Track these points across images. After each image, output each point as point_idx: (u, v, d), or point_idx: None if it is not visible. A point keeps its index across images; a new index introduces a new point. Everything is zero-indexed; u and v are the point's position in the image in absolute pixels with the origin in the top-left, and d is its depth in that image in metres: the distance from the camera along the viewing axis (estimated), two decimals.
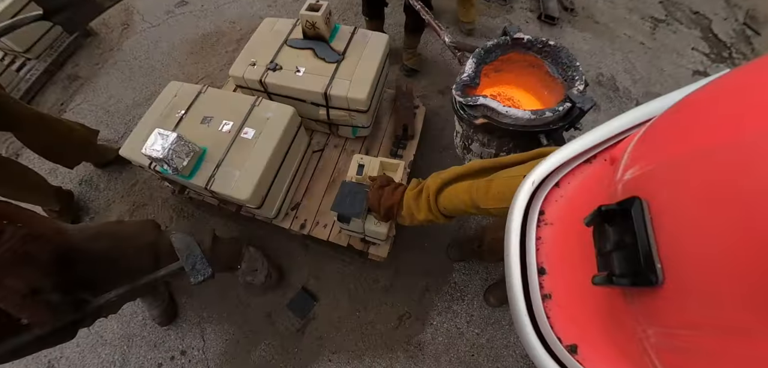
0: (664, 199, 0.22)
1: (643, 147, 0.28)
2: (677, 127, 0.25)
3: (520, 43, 0.64)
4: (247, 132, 1.10)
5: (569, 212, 0.35)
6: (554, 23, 2.24)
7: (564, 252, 0.34)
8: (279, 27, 1.39)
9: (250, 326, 1.35)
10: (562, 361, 0.31)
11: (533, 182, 0.37)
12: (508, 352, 1.29)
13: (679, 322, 0.21)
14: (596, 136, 0.36)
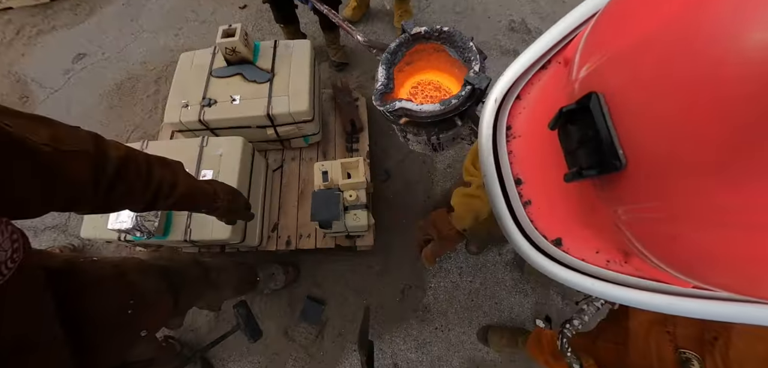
0: (618, 89, 0.24)
1: (593, 42, 0.29)
2: (621, 17, 0.27)
3: (420, 36, 0.70)
4: (205, 174, 1.13)
5: (534, 121, 0.38)
6: None
7: (535, 160, 0.37)
8: (198, 60, 1.39)
9: (273, 349, 1.48)
10: (553, 256, 0.34)
11: (496, 100, 0.39)
12: (500, 287, 1.53)
13: (644, 197, 0.23)
14: (547, 41, 0.38)
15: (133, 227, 0.93)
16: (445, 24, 0.72)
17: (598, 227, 0.32)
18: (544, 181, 0.36)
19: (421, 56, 0.73)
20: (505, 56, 2.10)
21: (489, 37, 2.16)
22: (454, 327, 1.45)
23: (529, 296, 1.49)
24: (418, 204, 1.65)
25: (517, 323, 1.45)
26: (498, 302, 1.48)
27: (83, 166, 0.51)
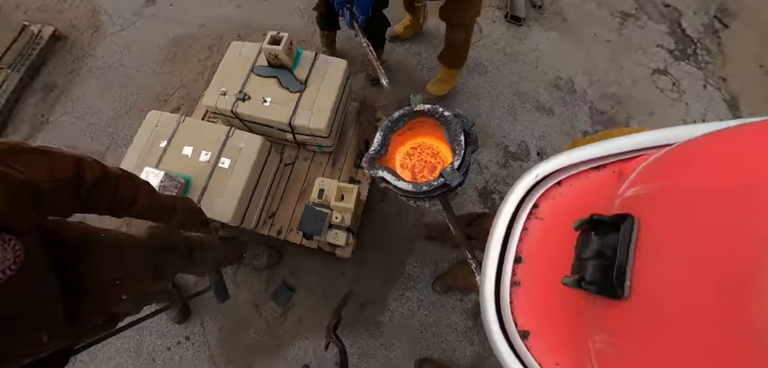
0: (656, 225, 0.24)
1: (654, 171, 0.29)
2: (688, 162, 0.26)
3: (422, 112, 0.76)
4: (223, 162, 1.34)
5: (563, 211, 0.37)
6: (520, 23, 2.35)
7: (545, 248, 0.37)
8: (245, 52, 1.58)
9: (241, 315, 1.72)
10: (513, 343, 0.34)
11: (537, 175, 0.39)
12: (450, 330, 1.67)
13: (630, 334, 0.23)
14: (612, 147, 0.37)
15: None
16: (466, 92, 0.82)
17: (572, 341, 0.32)
18: (543, 271, 0.36)
19: (422, 125, 0.81)
20: (537, 112, 2.12)
21: (530, 88, 2.19)
22: (397, 350, 1.61)
23: (475, 346, 1.61)
24: (405, 231, 1.80)
25: (454, 367, 1.60)
26: (444, 342, 1.62)
27: (68, 191, 0.69)
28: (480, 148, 1.96)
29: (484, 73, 2.23)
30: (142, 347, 1.68)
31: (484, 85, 2.19)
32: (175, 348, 1.68)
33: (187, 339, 1.69)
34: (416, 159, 0.83)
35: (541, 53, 2.30)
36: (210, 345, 1.67)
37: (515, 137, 2.04)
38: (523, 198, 0.40)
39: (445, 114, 0.73)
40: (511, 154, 2.00)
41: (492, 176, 1.94)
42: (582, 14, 2.45)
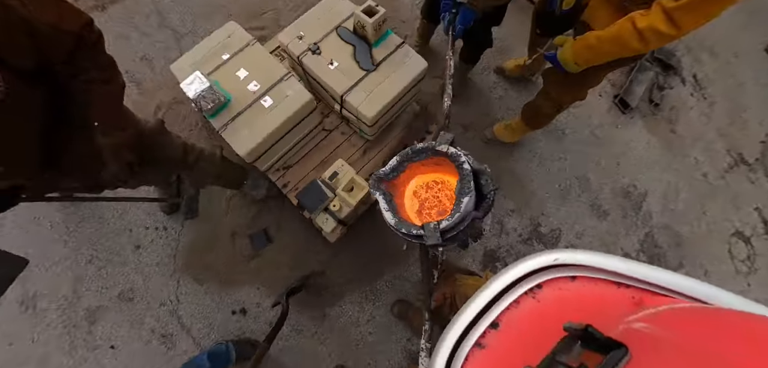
0: (645, 365, 0.24)
1: (674, 318, 0.29)
2: (717, 331, 0.26)
3: (442, 153, 0.73)
4: (266, 100, 1.30)
5: (563, 306, 0.38)
6: (625, 111, 2.06)
7: (527, 329, 0.38)
8: (339, 8, 1.48)
9: (216, 236, 1.76)
10: None
11: (557, 259, 0.40)
12: (384, 359, 1.64)
13: None
14: (647, 273, 0.37)
15: (193, 99, 1.16)
16: (551, 149, 0.74)
17: None
18: (514, 348, 0.37)
19: (442, 161, 0.78)
20: (590, 209, 1.92)
21: (597, 181, 1.97)
22: (328, 346, 1.62)
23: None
24: (396, 251, 1.74)
25: None
26: (374, 360, 1.61)
27: (66, 45, 0.71)
28: (512, 212, 1.85)
29: (559, 140, 2.01)
30: (127, 215, 1.78)
31: (553, 151, 1.98)
32: (152, 232, 1.76)
33: (165, 230, 1.76)
34: (432, 194, 0.80)
35: (629, 152, 2.04)
36: (179, 245, 1.74)
37: (553, 220, 1.87)
38: (532, 271, 0.39)
39: (464, 165, 0.68)
40: (539, 235, 1.85)
41: (507, 245, 1.81)
42: (695, 135, 2.12)
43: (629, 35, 0.91)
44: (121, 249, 1.74)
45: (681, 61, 2.28)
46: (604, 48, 0.99)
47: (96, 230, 1.77)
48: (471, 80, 2.05)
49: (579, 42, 1.06)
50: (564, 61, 1.11)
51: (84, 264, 1.72)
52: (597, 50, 1.01)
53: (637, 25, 0.89)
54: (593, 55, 1.03)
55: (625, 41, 0.93)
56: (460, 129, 1.95)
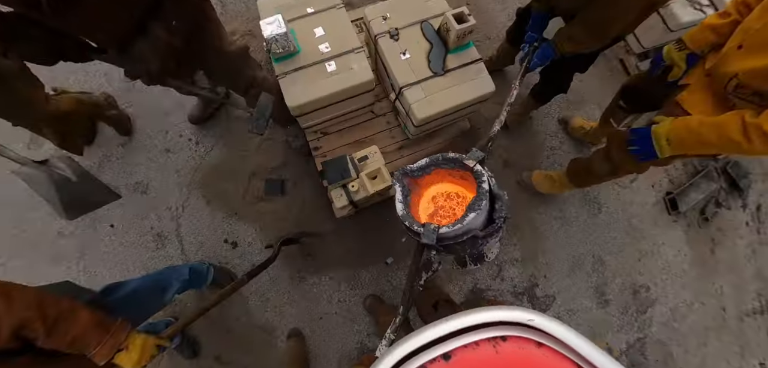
0: None
1: None
2: None
3: (468, 167, 0.74)
4: (331, 64, 1.32)
5: (518, 366, 0.40)
6: (671, 213, 1.97)
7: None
8: (432, 4, 1.45)
9: (239, 168, 1.84)
10: None
11: (531, 320, 0.41)
12: (337, 339, 1.68)
13: None
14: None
15: (266, 38, 1.19)
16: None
17: None
18: None
19: (467, 176, 0.80)
20: (593, 292, 1.89)
21: (612, 268, 1.92)
22: (293, 306, 1.70)
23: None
24: (398, 250, 1.79)
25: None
26: (325, 344, 1.67)
27: None
28: (516, 261, 1.85)
29: (592, 212, 1.96)
30: (170, 117, 1.87)
31: (581, 220, 1.94)
32: (185, 141, 1.85)
33: (197, 144, 1.85)
34: (449, 204, 0.81)
35: (656, 253, 1.98)
36: (203, 163, 1.84)
37: (552, 287, 1.87)
38: (503, 322, 0.40)
39: (483, 184, 0.70)
40: (533, 295, 1.86)
41: (498, 291, 1.83)
42: (732, 265, 2.03)
43: (735, 129, 0.87)
44: (152, 147, 1.85)
45: (751, 186, 2.12)
46: (704, 135, 0.93)
47: (138, 120, 1.88)
48: (531, 119, 1.99)
49: (679, 121, 1.00)
50: (657, 137, 1.04)
51: (116, 145, 1.84)
52: (696, 135, 0.95)
53: (746, 120, 0.85)
54: (690, 139, 0.97)
55: (728, 134, 0.88)
56: (501, 163, 1.93)
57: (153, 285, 1.23)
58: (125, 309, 1.05)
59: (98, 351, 0.82)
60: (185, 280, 1.36)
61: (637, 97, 1.36)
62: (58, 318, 0.77)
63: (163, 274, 1.31)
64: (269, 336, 1.71)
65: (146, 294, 1.18)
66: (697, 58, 1.08)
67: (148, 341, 0.90)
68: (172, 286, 1.30)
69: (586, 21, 1.12)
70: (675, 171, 2.07)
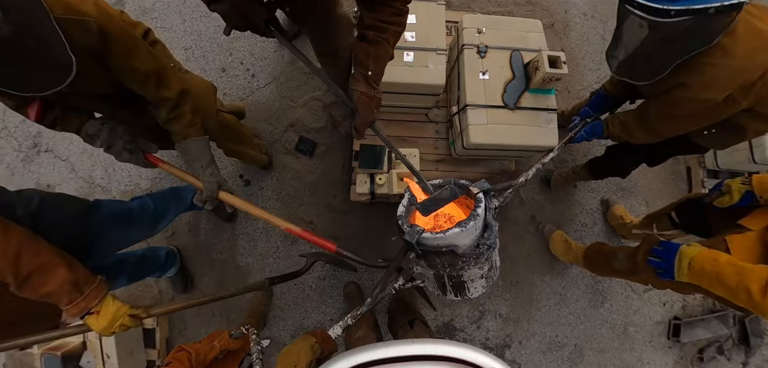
0: None
1: None
2: None
3: (473, 195, 0.78)
4: (409, 54, 1.30)
5: None
6: (670, 338, 1.95)
7: None
8: (532, 38, 1.45)
9: (281, 115, 1.87)
10: None
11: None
12: (300, 311, 1.71)
13: None
14: None
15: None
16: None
17: None
18: None
19: (471, 204, 0.81)
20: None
21: (584, 366, 1.88)
22: (275, 261, 1.74)
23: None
24: (395, 243, 1.80)
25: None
26: (291, 305, 1.72)
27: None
28: (499, 317, 1.81)
29: (593, 303, 1.93)
30: (238, 42, 1.89)
31: (580, 309, 1.90)
32: (243, 71, 1.88)
33: (253, 77, 1.88)
34: (449, 225, 0.82)
35: None
36: (252, 95, 1.86)
37: (523, 357, 1.84)
38: (469, 362, 0.43)
39: (478, 209, 0.72)
40: (501, 356, 1.81)
41: (469, 336, 1.80)
42: None
43: (757, 279, 0.84)
44: (214, 62, 1.88)
45: (760, 348, 2.07)
46: (725, 274, 0.90)
47: (203, 35, 1.91)
48: (576, 187, 1.94)
49: (709, 251, 0.97)
50: (681, 256, 1.00)
51: (180, 49, 1.89)
52: (718, 270, 0.92)
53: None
54: (711, 273, 0.93)
55: (747, 282, 0.85)
56: (528, 217, 1.91)
57: (148, 211, 1.19)
58: (111, 228, 1.05)
59: (68, 309, 0.82)
60: (187, 205, 1.35)
61: (693, 217, 1.31)
62: (32, 272, 0.76)
63: (162, 199, 1.27)
64: (243, 279, 1.73)
65: (138, 218, 1.16)
66: (753, 199, 1.04)
67: (120, 310, 0.88)
68: (168, 215, 1.27)
69: (642, 111, 1.11)
70: (693, 300, 2.02)
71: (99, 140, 0.96)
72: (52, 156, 1.83)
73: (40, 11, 0.62)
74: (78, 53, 0.69)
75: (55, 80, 0.67)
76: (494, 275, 0.83)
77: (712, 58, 0.85)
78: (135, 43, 0.82)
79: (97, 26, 0.72)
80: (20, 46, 0.60)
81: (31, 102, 0.85)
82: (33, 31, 0.61)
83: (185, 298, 1.61)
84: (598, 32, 2.18)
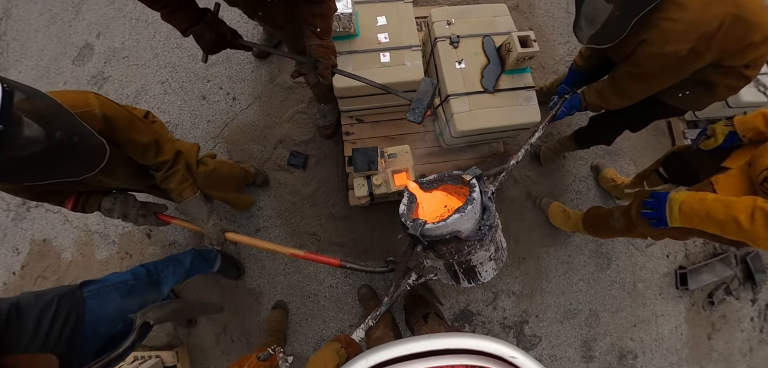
0: None
1: None
2: None
3: (466, 182, 0.82)
4: (385, 55, 1.36)
5: None
6: (679, 288, 2.04)
7: None
8: (500, 22, 1.49)
9: (268, 133, 1.92)
10: None
11: (514, 357, 0.44)
12: (318, 321, 1.78)
13: None
14: None
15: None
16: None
17: None
18: None
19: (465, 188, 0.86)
20: (581, 347, 1.94)
21: (600, 328, 1.94)
22: (286, 276, 1.80)
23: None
24: (398, 245, 1.84)
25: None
26: (309, 318, 1.77)
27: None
28: (513, 294, 1.88)
29: (600, 266, 2.01)
30: (214, 68, 1.94)
31: (587, 271, 1.97)
32: (223, 95, 1.93)
33: (233, 99, 1.93)
34: (447, 208, 0.88)
35: (653, 323, 2.01)
36: (235, 120, 1.91)
37: (542, 328, 1.91)
38: (486, 353, 0.44)
39: (474, 193, 0.76)
40: (520, 331, 1.89)
41: (487, 319, 1.86)
42: (726, 354, 2.05)
43: (743, 208, 0.89)
44: (192, 91, 1.92)
45: (766, 283, 2.18)
46: (713, 210, 0.96)
47: (187, 64, 1.96)
48: (565, 158, 2.01)
49: (696, 193, 1.04)
50: (671, 203, 1.07)
51: (157, 83, 1.93)
52: (706, 208, 0.98)
53: (758, 203, 0.87)
54: (701, 212, 0.99)
55: (734, 212, 0.91)
56: (524, 194, 1.96)
57: (141, 277, 1.20)
58: (103, 304, 1.03)
59: None
60: (186, 270, 1.39)
61: (680, 169, 1.38)
62: None
63: (160, 265, 1.30)
64: (256, 301, 1.77)
65: (135, 285, 1.16)
66: (737, 139, 1.11)
67: None
68: (167, 279, 1.29)
69: (613, 76, 1.17)
70: (694, 247, 2.11)
71: (115, 212, 1.14)
72: (44, 210, 1.86)
73: (67, 115, 0.79)
74: None
75: (97, 161, 0.86)
76: (503, 256, 0.87)
77: (668, 13, 0.94)
78: (132, 119, 0.98)
79: (101, 113, 0.88)
80: (70, 144, 0.77)
81: (68, 196, 1.07)
82: (74, 130, 0.79)
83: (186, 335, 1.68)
84: (561, 6, 2.24)
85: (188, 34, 1.10)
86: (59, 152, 0.75)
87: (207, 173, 1.28)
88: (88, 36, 2.05)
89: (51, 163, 0.77)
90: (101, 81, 1.99)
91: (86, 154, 0.84)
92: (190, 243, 1.81)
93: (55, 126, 0.74)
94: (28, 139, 0.68)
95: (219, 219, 1.22)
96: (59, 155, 0.76)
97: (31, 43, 2.05)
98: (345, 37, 1.35)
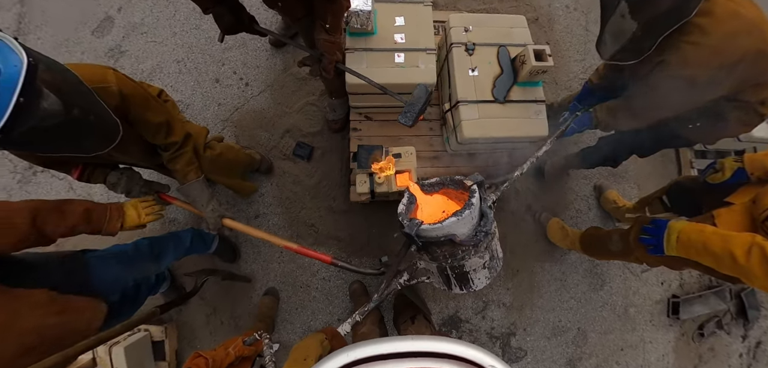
0: None
1: None
2: None
3: (466, 187, 0.82)
4: (400, 56, 1.39)
5: None
6: (670, 316, 2.06)
7: None
8: (518, 33, 1.52)
9: (277, 122, 1.95)
10: None
11: (494, 366, 0.45)
12: (307, 313, 1.79)
13: None
14: None
15: (350, 10, 1.28)
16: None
17: None
18: None
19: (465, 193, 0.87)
20: (565, 363, 1.95)
21: (587, 348, 1.95)
22: (280, 264, 1.82)
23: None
24: (395, 243, 1.84)
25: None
26: (299, 308, 1.79)
27: None
28: (503, 305, 1.89)
29: (593, 286, 2.02)
30: (231, 52, 1.97)
31: (580, 293, 1.98)
32: (236, 80, 1.97)
33: (246, 85, 1.96)
34: (445, 213, 0.87)
35: (641, 349, 2.00)
36: (246, 105, 1.94)
37: (529, 343, 1.92)
38: (467, 360, 0.45)
39: (473, 199, 0.76)
40: (506, 343, 1.90)
41: (474, 327, 1.86)
42: None
43: (740, 243, 0.89)
44: (207, 73, 1.95)
45: (758, 320, 2.19)
46: (711, 243, 0.96)
47: (204, 45, 2.00)
48: (569, 176, 2.03)
49: (695, 224, 1.04)
50: (669, 231, 1.07)
51: (172, 62, 1.97)
52: (703, 241, 0.98)
53: (756, 240, 0.87)
54: (698, 243, 0.99)
55: (731, 247, 0.90)
56: (524, 207, 1.99)
57: (143, 250, 1.24)
58: (104, 269, 1.08)
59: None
60: (185, 248, 1.42)
61: (683, 199, 1.38)
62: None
63: (161, 240, 1.33)
64: (249, 286, 1.79)
65: (135, 256, 1.21)
66: (745, 176, 1.11)
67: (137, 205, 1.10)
68: (167, 254, 1.32)
69: (628, 95, 1.17)
70: (689, 277, 2.13)
71: (120, 187, 1.16)
72: (50, 175, 1.88)
73: (86, 91, 0.80)
74: None
75: (110, 139, 0.89)
76: (497, 265, 0.87)
77: (690, 36, 0.93)
78: (147, 98, 0.99)
79: (117, 89, 0.90)
80: (86, 121, 0.79)
81: (75, 166, 1.08)
82: (91, 107, 0.81)
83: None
84: (581, 24, 2.28)
85: (209, 13, 1.13)
86: (75, 128, 0.77)
87: (213, 157, 1.30)
88: (110, 9, 2.09)
89: (66, 138, 0.78)
90: (118, 54, 2.03)
91: (101, 131, 0.86)
92: (189, 223, 1.83)
93: (74, 101, 0.75)
94: (46, 111, 0.70)
95: (218, 204, 1.24)
96: (75, 130, 0.78)
97: (54, 10, 2.09)
98: (362, 34, 1.38)
